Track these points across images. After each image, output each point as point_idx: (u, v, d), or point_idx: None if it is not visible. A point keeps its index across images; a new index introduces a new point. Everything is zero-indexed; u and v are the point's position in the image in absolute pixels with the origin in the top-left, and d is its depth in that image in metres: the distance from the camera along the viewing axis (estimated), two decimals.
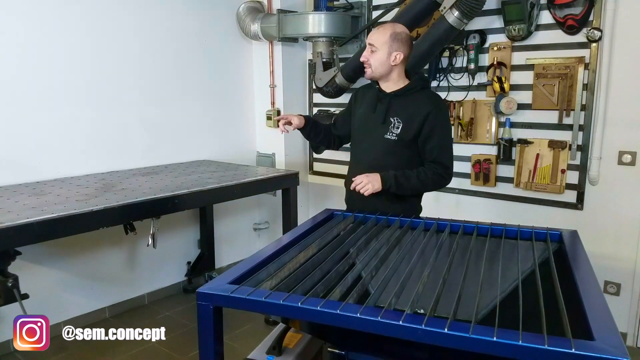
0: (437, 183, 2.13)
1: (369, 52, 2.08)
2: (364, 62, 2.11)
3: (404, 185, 2.06)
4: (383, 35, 2.06)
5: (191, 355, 2.84)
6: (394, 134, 2.09)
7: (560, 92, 2.91)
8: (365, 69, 2.12)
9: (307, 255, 1.64)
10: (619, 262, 2.85)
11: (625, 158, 2.80)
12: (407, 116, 2.08)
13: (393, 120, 2.10)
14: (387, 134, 2.10)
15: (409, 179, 2.06)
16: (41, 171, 2.95)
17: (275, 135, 4.06)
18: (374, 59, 2.08)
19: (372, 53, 2.07)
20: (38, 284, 2.88)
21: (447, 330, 1.07)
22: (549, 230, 1.80)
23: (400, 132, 2.08)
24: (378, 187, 2.03)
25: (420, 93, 2.14)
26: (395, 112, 2.10)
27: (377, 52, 2.07)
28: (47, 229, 2.13)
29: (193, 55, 3.71)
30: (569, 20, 2.82)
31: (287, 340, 1.74)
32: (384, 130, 2.11)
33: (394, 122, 2.09)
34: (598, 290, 1.31)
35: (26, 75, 2.86)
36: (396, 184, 2.04)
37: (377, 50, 2.06)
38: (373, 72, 2.10)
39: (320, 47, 3.65)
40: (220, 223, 3.96)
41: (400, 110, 2.10)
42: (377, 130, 2.13)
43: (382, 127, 2.12)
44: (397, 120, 2.09)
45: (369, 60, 2.09)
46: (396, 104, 2.11)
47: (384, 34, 2.06)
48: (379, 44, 2.06)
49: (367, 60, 2.09)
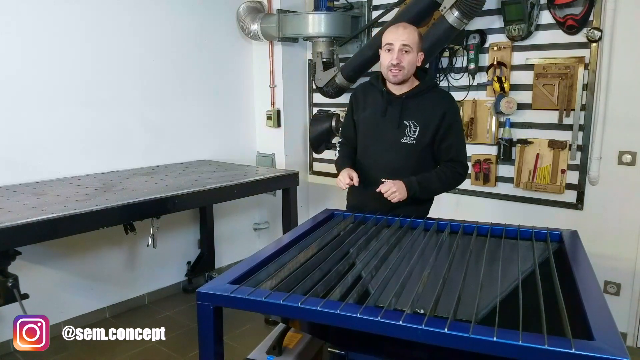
0: (457, 182, 2.13)
1: (401, 54, 1.95)
2: (395, 65, 1.96)
3: (427, 189, 2.06)
4: (414, 35, 1.98)
5: (191, 355, 2.84)
6: (412, 137, 2.04)
7: (560, 92, 2.91)
8: (396, 72, 1.98)
9: (307, 255, 1.64)
10: (619, 262, 2.85)
11: (625, 158, 2.80)
12: (424, 119, 2.03)
13: (408, 123, 2.04)
14: (404, 138, 2.04)
15: (431, 182, 2.05)
16: (41, 171, 2.95)
17: (275, 135, 4.07)
18: (408, 61, 1.97)
19: (405, 54, 1.96)
20: (38, 284, 2.88)
21: (447, 330, 1.07)
22: (549, 230, 1.80)
23: (417, 135, 2.03)
24: (404, 196, 1.99)
25: (433, 92, 2.09)
26: (409, 115, 2.04)
27: (411, 53, 1.97)
28: (47, 229, 2.13)
29: (193, 55, 3.71)
30: (569, 20, 2.82)
31: (287, 340, 1.74)
32: (400, 135, 2.05)
33: (409, 126, 2.04)
34: (598, 290, 1.31)
35: (26, 75, 2.86)
36: (420, 190, 2.03)
37: (411, 51, 1.97)
38: (406, 75, 2.00)
39: (320, 47, 3.65)
40: (220, 223, 3.96)
41: (415, 113, 2.04)
42: (392, 134, 2.07)
43: (397, 131, 2.05)
44: (413, 123, 2.04)
45: (402, 62, 1.96)
46: (409, 107, 2.05)
47: (414, 34, 1.98)
48: (413, 45, 1.97)
49: (400, 62, 1.95)
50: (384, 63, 2.01)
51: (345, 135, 2.31)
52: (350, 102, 2.25)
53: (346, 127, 2.30)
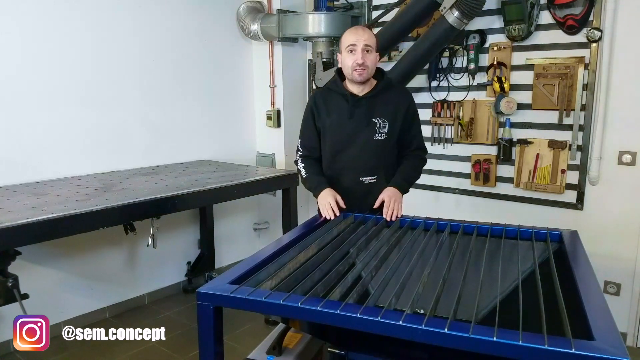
0: (423, 166, 2.27)
1: (365, 54, 2.02)
2: (360, 65, 2.01)
3: (411, 184, 2.19)
4: (372, 37, 2.07)
5: (191, 355, 2.84)
6: (383, 133, 2.11)
7: (560, 92, 2.91)
8: (361, 72, 2.02)
9: (307, 255, 1.64)
10: (619, 262, 2.85)
11: (625, 158, 2.80)
12: (391, 114, 2.11)
13: (377, 121, 2.10)
14: (376, 135, 2.11)
15: (411, 176, 2.20)
16: (41, 171, 2.95)
17: (275, 135, 4.07)
18: (371, 61, 2.05)
19: (367, 53, 2.03)
20: (38, 284, 2.88)
21: (447, 330, 1.07)
22: (549, 230, 1.80)
23: (387, 130, 2.11)
24: (401, 199, 2.11)
25: (392, 89, 2.18)
26: (376, 112, 2.11)
27: (372, 53, 2.06)
28: (47, 229, 2.14)
29: (193, 55, 3.71)
30: (569, 20, 2.82)
31: (287, 340, 1.74)
32: (371, 133, 2.11)
33: (378, 123, 2.10)
34: (598, 290, 1.31)
35: (26, 75, 2.87)
36: (408, 187, 2.18)
37: (372, 50, 2.05)
38: (369, 73, 2.07)
39: (320, 47, 3.65)
40: (220, 223, 3.95)
41: (381, 110, 2.11)
42: (363, 134, 2.11)
43: (367, 130, 2.11)
44: (382, 120, 2.11)
45: (366, 62, 2.02)
46: (375, 105, 2.11)
47: (373, 35, 2.07)
48: (373, 45, 2.05)
49: (364, 62, 2.01)
50: (348, 63, 2.05)
51: (308, 146, 2.23)
52: (310, 111, 2.19)
53: (309, 138, 2.22)
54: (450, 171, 3.44)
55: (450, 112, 3.37)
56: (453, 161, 3.42)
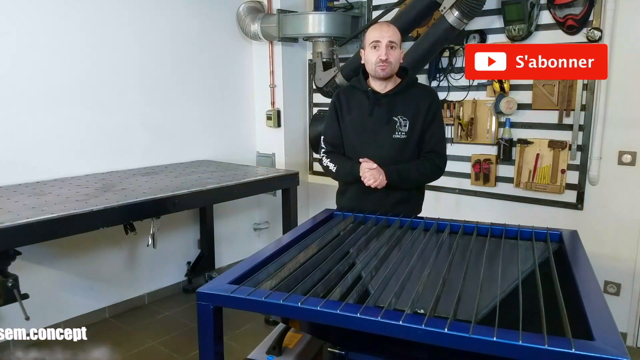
0: (435, 174, 2.16)
1: (388, 50, 1.99)
2: (383, 61, 1.99)
3: (406, 179, 2.09)
4: (397, 33, 2.04)
5: (191, 355, 2.84)
6: (403, 132, 2.08)
7: (560, 92, 2.91)
8: (384, 67, 2.00)
9: (307, 255, 1.64)
10: (619, 262, 2.85)
11: (625, 158, 2.80)
12: (412, 113, 2.08)
13: (397, 119, 2.08)
14: (396, 134, 2.08)
15: (410, 172, 2.08)
16: (41, 171, 2.95)
17: (275, 135, 4.07)
18: (395, 57, 2.02)
19: (392, 50, 2.00)
20: (38, 284, 2.88)
21: (447, 330, 1.07)
22: (549, 230, 1.80)
23: (408, 129, 2.08)
24: (384, 182, 2.03)
25: (416, 87, 2.15)
26: (397, 111, 2.08)
27: (397, 49, 2.03)
28: (47, 229, 2.13)
29: (193, 55, 3.71)
30: (569, 20, 2.82)
31: (287, 340, 1.73)
32: (391, 131, 2.08)
33: (399, 121, 2.08)
34: (598, 290, 1.31)
35: (26, 75, 2.87)
36: (399, 178, 2.06)
37: (396, 47, 2.02)
38: (393, 70, 2.04)
39: (320, 47, 3.65)
40: (220, 223, 3.95)
41: (402, 108, 2.08)
42: (383, 131, 2.09)
43: (387, 128, 2.09)
44: (402, 118, 2.07)
45: (390, 58, 2.00)
46: (396, 103, 2.09)
47: (396, 32, 2.04)
48: (397, 41, 2.03)
49: (387, 58, 1.99)
50: (371, 59, 2.03)
51: (332, 143, 2.23)
52: (334, 108, 2.20)
53: (332, 134, 2.22)
54: (450, 171, 3.43)
55: (450, 112, 3.37)
56: (453, 161, 3.41)
